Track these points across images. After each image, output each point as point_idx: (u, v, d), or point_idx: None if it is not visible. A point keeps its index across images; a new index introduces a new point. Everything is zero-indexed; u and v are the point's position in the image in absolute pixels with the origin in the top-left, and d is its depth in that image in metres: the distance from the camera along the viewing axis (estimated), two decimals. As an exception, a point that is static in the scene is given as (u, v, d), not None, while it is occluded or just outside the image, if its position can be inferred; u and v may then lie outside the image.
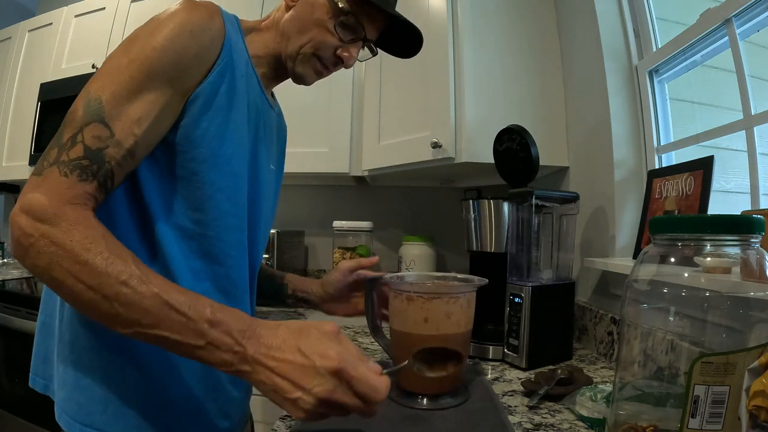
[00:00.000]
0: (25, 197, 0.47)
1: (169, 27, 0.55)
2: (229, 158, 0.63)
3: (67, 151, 0.49)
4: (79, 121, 0.51)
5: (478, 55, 1.25)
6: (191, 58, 0.56)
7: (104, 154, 0.51)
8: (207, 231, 0.62)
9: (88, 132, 0.50)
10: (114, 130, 0.51)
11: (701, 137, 0.92)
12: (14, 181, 2.16)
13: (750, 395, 0.40)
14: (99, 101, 0.51)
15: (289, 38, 0.69)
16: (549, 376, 0.78)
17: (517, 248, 0.96)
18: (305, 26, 0.68)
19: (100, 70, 0.54)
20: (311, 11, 0.68)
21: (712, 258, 0.48)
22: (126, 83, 0.52)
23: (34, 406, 1.58)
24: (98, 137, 0.50)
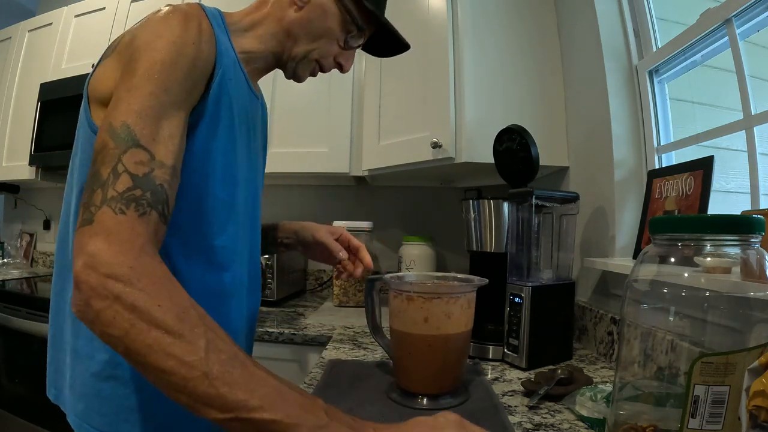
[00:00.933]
0: (84, 250, 0.40)
1: (170, 39, 0.52)
2: (228, 167, 0.62)
3: (113, 186, 0.43)
4: (113, 153, 0.45)
5: (478, 55, 1.25)
6: (196, 70, 0.55)
7: (153, 178, 0.46)
8: (212, 241, 0.61)
9: (128, 160, 0.45)
10: (152, 151, 0.47)
11: (701, 137, 0.92)
12: (14, 181, 2.16)
13: (750, 395, 0.40)
14: (127, 126, 0.46)
15: (297, 41, 0.68)
16: (549, 376, 0.78)
17: (517, 248, 0.96)
18: (316, 33, 0.68)
19: (113, 100, 0.50)
20: (324, 19, 0.68)
21: (712, 258, 0.48)
22: (146, 102, 0.48)
23: (34, 406, 1.58)
24: (141, 162, 0.46)
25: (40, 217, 2.43)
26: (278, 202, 1.98)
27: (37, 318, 1.52)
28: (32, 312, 1.54)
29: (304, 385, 0.78)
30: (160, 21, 0.53)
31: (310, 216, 1.97)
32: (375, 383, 0.78)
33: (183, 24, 0.54)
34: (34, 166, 1.99)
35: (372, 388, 0.76)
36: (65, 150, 1.90)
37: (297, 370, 1.20)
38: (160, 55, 0.50)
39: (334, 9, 0.68)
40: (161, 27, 0.53)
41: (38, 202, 2.44)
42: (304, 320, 1.34)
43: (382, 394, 0.74)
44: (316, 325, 1.28)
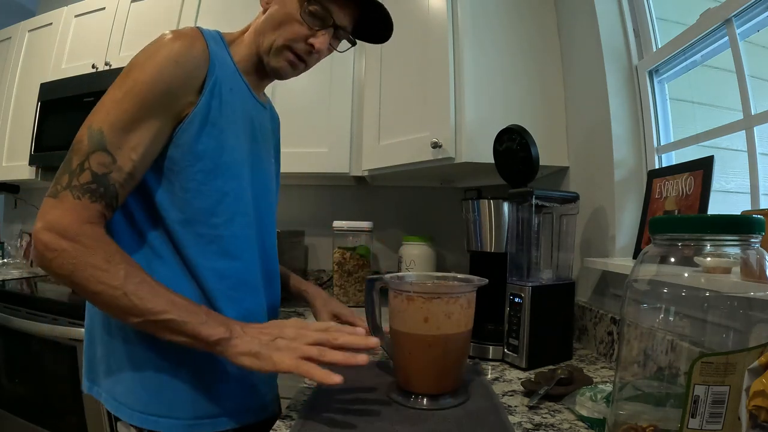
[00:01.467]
0: (45, 217, 0.56)
1: (157, 60, 0.62)
2: (230, 165, 0.70)
3: (77, 176, 0.58)
4: (85, 150, 0.58)
5: (478, 55, 1.25)
6: (179, 86, 0.63)
7: (109, 178, 0.59)
8: (222, 232, 0.70)
9: (93, 159, 0.58)
10: (116, 157, 0.60)
11: (701, 137, 0.92)
12: (14, 181, 2.16)
13: (750, 395, 0.40)
14: (101, 132, 0.59)
15: (264, 35, 0.73)
16: (549, 376, 0.78)
17: (517, 248, 0.96)
18: (277, 22, 0.72)
19: (100, 101, 0.61)
20: (282, 7, 0.72)
21: (712, 258, 0.48)
22: (123, 115, 0.60)
23: (34, 406, 1.58)
24: (103, 164, 0.59)
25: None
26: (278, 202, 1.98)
27: (37, 318, 1.52)
28: (32, 312, 1.54)
29: (304, 384, 0.78)
30: (155, 43, 0.63)
31: (310, 216, 1.97)
32: (375, 383, 0.78)
33: (171, 44, 0.63)
34: (34, 166, 1.99)
35: (372, 388, 0.76)
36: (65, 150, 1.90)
37: (297, 370, 1.20)
38: (144, 76, 0.61)
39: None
40: (153, 49, 0.63)
41: (38, 202, 2.44)
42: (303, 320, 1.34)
43: (382, 394, 0.74)
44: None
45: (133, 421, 0.66)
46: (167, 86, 0.62)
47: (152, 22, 1.83)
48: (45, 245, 0.56)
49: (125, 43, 1.86)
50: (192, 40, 0.65)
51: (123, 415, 0.67)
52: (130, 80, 0.61)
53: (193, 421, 0.68)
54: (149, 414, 0.66)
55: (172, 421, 0.67)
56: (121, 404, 0.67)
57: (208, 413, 0.70)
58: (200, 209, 0.68)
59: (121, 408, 0.67)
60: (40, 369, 1.56)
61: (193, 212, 0.67)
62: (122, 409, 0.67)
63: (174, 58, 0.62)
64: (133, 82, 0.61)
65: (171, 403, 0.67)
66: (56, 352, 1.49)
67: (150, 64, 0.61)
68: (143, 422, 0.66)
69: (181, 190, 0.66)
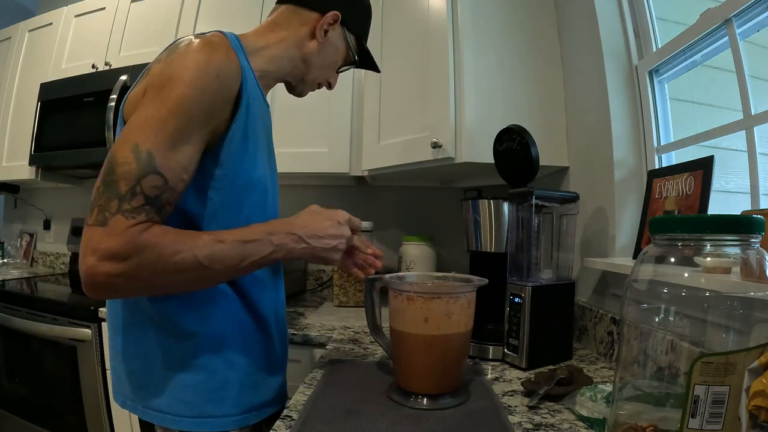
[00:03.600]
0: (99, 248, 0.54)
1: (198, 74, 0.60)
2: (260, 178, 0.73)
3: (129, 201, 0.56)
4: (135, 174, 0.56)
5: (478, 55, 1.25)
6: (220, 100, 0.63)
7: (162, 199, 0.59)
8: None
9: (146, 183, 0.57)
10: (167, 178, 0.58)
11: (701, 137, 0.92)
12: (14, 181, 2.16)
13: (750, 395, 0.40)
14: (150, 154, 0.57)
15: (310, 68, 0.82)
16: (549, 376, 0.78)
17: (517, 248, 0.96)
18: (327, 64, 0.84)
19: (140, 117, 0.59)
20: (334, 54, 0.84)
21: (712, 258, 0.48)
22: (171, 134, 0.58)
23: (34, 406, 1.58)
24: (155, 187, 0.57)
25: (40, 217, 2.43)
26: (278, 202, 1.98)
27: (37, 318, 1.52)
28: (32, 312, 1.54)
29: (305, 385, 0.78)
30: (190, 54, 0.61)
31: (310, 216, 1.97)
32: (375, 383, 0.78)
33: (209, 57, 0.62)
34: (34, 166, 1.98)
35: (372, 388, 0.76)
36: (65, 150, 1.90)
37: (297, 370, 1.20)
38: (189, 91, 0.59)
39: (342, 46, 0.84)
40: (190, 60, 0.61)
41: (38, 202, 2.44)
42: (304, 320, 1.34)
43: (382, 394, 0.74)
44: (316, 325, 1.28)
45: (182, 426, 0.67)
46: (211, 102, 0.62)
47: (152, 22, 1.83)
48: (108, 275, 0.54)
49: (125, 43, 1.86)
50: (227, 51, 0.64)
51: (169, 423, 0.68)
52: (173, 96, 0.59)
53: (241, 416, 0.72)
54: (199, 417, 0.68)
55: (222, 419, 0.69)
56: (165, 414, 0.68)
57: (253, 405, 0.74)
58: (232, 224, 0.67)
59: (165, 418, 0.68)
60: (40, 369, 1.56)
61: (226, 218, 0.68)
62: (167, 419, 0.68)
63: (215, 72, 0.61)
64: (177, 99, 0.58)
65: (220, 401, 0.69)
66: (56, 352, 1.50)
67: (192, 78, 0.59)
68: (194, 426, 0.68)
69: (223, 206, 0.68)
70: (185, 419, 0.68)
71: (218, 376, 0.69)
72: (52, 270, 2.34)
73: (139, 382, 0.70)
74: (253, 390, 0.74)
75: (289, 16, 0.79)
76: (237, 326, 0.72)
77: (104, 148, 1.69)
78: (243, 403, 0.72)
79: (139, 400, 0.70)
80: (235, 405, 0.71)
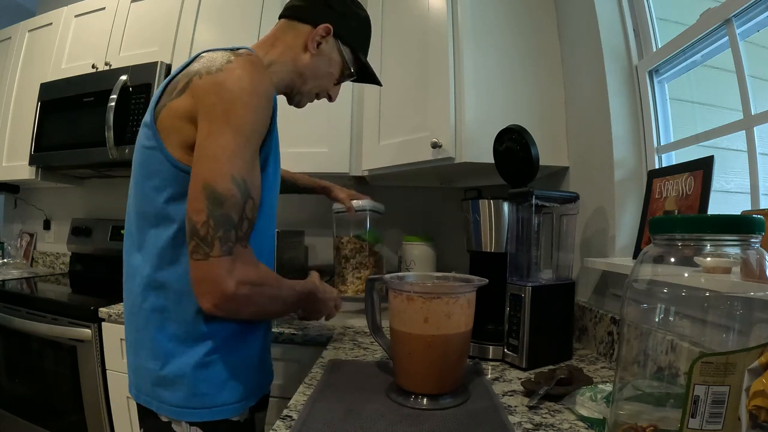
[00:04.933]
0: (235, 275, 0.63)
1: (255, 96, 0.66)
2: (276, 184, 0.81)
3: (241, 228, 0.65)
4: (240, 203, 0.64)
5: (478, 55, 1.25)
6: (268, 118, 0.70)
7: (256, 218, 0.68)
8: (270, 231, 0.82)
9: (248, 209, 0.66)
10: (255, 200, 0.67)
11: (701, 137, 0.92)
12: (14, 181, 2.15)
13: (750, 395, 0.40)
14: (244, 182, 0.64)
15: (305, 80, 0.85)
16: (549, 376, 0.78)
17: (517, 248, 0.96)
18: (321, 75, 0.86)
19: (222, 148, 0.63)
20: (328, 65, 0.86)
21: (712, 258, 0.48)
22: (249, 159, 0.66)
23: (34, 406, 1.58)
24: (253, 208, 0.67)
25: (40, 217, 2.43)
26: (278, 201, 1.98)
27: (37, 318, 1.52)
28: (32, 312, 1.54)
29: (305, 385, 0.78)
30: (243, 75, 0.66)
31: (310, 216, 1.97)
32: (375, 383, 0.78)
33: (258, 76, 0.67)
34: (34, 166, 1.98)
35: (372, 388, 0.76)
36: (65, 150, 1.90)
37: (297, 370, 1.20)
38: (251, 114, 0.65)
39: (337, 58, 0.87)
40: (245, 82, 0.66)
41: (38, 202, 2.44)
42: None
43: (382, 394, 0.74)
44: (316, 325, 1.28)
45: (199, 418, 0.71)
46: (264, 122, 0.69)
47: (152, 22, 1.83)
48: (247, 298, 0.65)
49: (125, 43, 1.86)
50: (266, 72, 0.71)
51: (187, 417, 0.71)
52: (243, 122, 0.65)
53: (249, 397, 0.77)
54: (216, 407, 0.72)
55: (235, 406, 0.74)
56: (183, 408, 0.71)
57: (260, 384, 0.82)
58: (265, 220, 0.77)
59: (182, 412, 0.71)
60: (40, 369, 1.56)
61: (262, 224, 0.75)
62: (184, 412, 0.71)
63: (264, 93, 0.68)
64: (246, 124, 0.65)
65: (234, 389, 0.74)
66: (56, 352, 1.50)
67: (251, 101, 0.65)
68: (211, 415, 0.71)
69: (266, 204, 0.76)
70: (203, 411, 0.71)
71: (230, 366, 0.73)
72: (52, 270, 2.34)
73: (155, 379, 0.72)
74: (260, 371, 0.81)
75: (286, 30, 0.84)
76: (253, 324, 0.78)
77: (104, 148, 1.69)
78: (252, 385, 0.78)
79: (154, 395, 0.72)
80: (246, 388, 0.76)
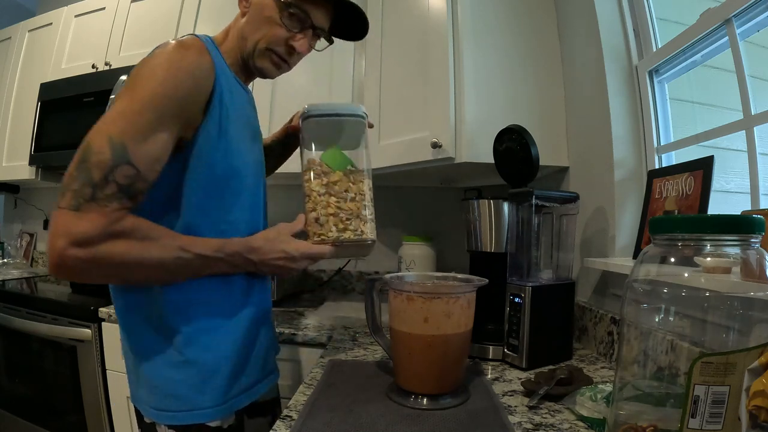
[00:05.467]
0: (71, 232, 0.57)
1: (172, 72, 0.64)
2: (241, 167, 0.76)
3: (102, 189, 0.59)
4: (108, 164, 0.59)
5: (478, 55, 1.25)
6: (194, 97, 0.67)
7: (134, 188, 0.62)
8: (238, 227, 0.76)
9: (119, 173, 0.60)
10: (140, 169, 0.62)
11: (701, 137, 0.92)
12: (14, 181, 2.16)
13: (750, 395, 0.40)
14: (123, 145, 0.60)
15: (246, 39, 0.77)
16: (549, 376, 0.78)
17: (517, 248, 0.96)
18: (257, 25, 0.77)
19: (115, 111, 0.62)
20: (261, 11, 0.76)
21: (712, 258, 0.48)
22: (142, 128, 0.61)
23: (34, 406, 1.58)
24: (128, 176, 0.61)
25: (40, 217, 2.43)
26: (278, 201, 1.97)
27: (37, 318, 1.52)
28: (32, 312, 1.54)
29: (305, 385, 0.78)
30: (164, 54, 0.65)
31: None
32: (375, 383, 0.78)
33: (182, 53, 0.66)
34: (34, 166, 1.98)
35: (372, 388, 0.76)
36: (65, 150, 1.90)
37: (297, 370, 1.20)
38: (162, 88, 0.63)
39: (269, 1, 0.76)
40: (164, 59, 0.65)
41: (38, 202, 2.44)
42: (303, 320, 1.34)
43: (382, 394, 0.74)
44: (316, 325, 1.28)
45: (178, 421, 0.70)
46: (184, 98, 0.65)
47: (152, 22, 1.83)
48: (76, 259, 0.57)
49: (125, 43, 1.86)
50: (200, 51, 0.68)
51: (165, 419, 0.70)
52: (147, 91, 0.62)
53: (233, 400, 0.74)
54: (193, 410, 0.70)
55: (213, 410, 0.72)
56: (161, 411, 0.70)
57: (243, 387, 0.77)
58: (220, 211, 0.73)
59: (161, 415, 0.70)
60: (40, 369, 1.56)
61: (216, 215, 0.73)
62: (162, 415, 0.70)
63: (189, 70, 0.65)
64: (151, 94, 0.62)
65: (212, 391, 0.72)
66: (56, 352, 1.50)
67: (166, 75, 0.63)
68: (189, 419, 0.70)
69: (204, 197, 0.71)
70: (180, 413, 0.70)
71: (208, 367, 0.72)
72: (52, 270, 2.34)
73: (136, 380, 0.74)
74: (248, 371, 0.78)
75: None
76: (224, 319, 0.75)
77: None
78: (233, 387, 0.75)
79: (138, 396, 0.74)
80: (227, 392, 0.73)
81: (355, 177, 0.81)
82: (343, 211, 0.78)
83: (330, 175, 0.79)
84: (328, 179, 0.79)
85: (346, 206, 0.79)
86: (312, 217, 0.78)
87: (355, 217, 0.79)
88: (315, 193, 0.78)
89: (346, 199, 0.79)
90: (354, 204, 0.79)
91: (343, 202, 0.78)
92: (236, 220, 0.76)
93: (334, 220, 0.78)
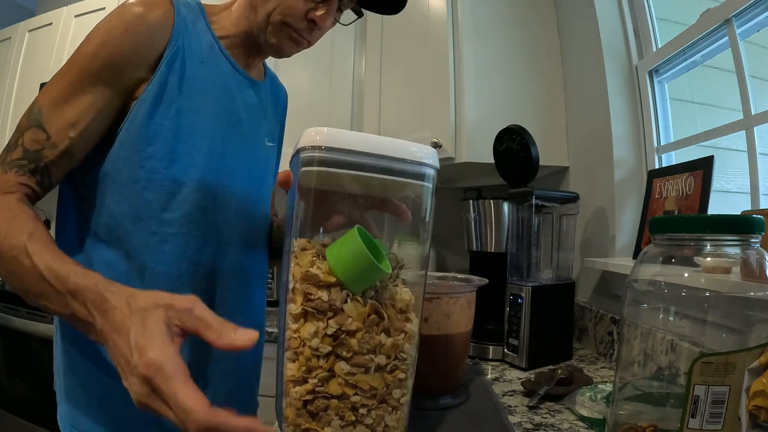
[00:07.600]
0: None
1: (104, 29, 0.56)
2: (189, 151, 0.60)
3: (10, 152, 0.55)
4: (21, 127, 0.55)
5: (478, 55, 1.25)
6: (127, 56, 0.56)
7: (41, 155, 0.55)
8: (178, 230, 0.60)
9: (27, 136, 0.55)
10: (50, 134, 0.55)
11: (701, 137, 0.92)
12: (14, 181, 2.16)
13: (750, 395, 0.40)
14: (39, 108, 0.55)
15: (256, 8, 0.63)
16: (549, 376, 0.78)
17: (517, 248, 0.96)
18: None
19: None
20: None
21: (712, 258, 0.48)
22: (62, 90, 0.55)
23: (34, 406, 1.58)
24: (36, 140, 0.55)
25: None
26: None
27: (37, 318, 1.52)
28: (32, 312, 1.54)
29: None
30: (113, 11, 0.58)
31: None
32: (375, 383, 0.78)
33: (124, 12, 0.57)
34: None
35: (372, 388, 0.76)
36: (65, 150, 1.91)
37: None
38: (88, 47, 0.56)
39: None
40: (104, 21, 0.58)
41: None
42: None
43: (382, 394, 0.73)
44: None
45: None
46: (112, 57, 0.55)
47: (152, 22, 1.83)
48: None
49: (125, 43, 1.86)
50: (152, 6, 0.57)
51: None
52: (75, 53, 0.56)
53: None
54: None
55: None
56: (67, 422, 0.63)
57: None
58: (153, 203, 0.58)
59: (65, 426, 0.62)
60: (40, 369, 1.56)
61: (145, 207, 0.58)
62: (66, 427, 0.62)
63: (123, 26, 0.56)
64: (77, 54, 0.56)
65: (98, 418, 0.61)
66: (56, 352, 1.50)
67: (97, 33, 0.56)
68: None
69: (130, 180, 0.57)
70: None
71: (88, 384, 0.61)
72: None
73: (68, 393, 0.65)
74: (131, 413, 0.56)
75: None
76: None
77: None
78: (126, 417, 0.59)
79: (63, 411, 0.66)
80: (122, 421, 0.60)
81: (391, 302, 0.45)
82: (360, 390, 0.42)
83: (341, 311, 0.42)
84: (336, 322, 0.41)
85: (366, 382, 0.42)
86: (294, 393, 0.41)
87: (377, 404, 0.43)
88: (308, 349, 0.41)
89: (368, 368, 0.42)
90: (382, 378, 0.43)
91: (360, 374, 0.42)
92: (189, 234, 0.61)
93: (337, 408, 0.41)
